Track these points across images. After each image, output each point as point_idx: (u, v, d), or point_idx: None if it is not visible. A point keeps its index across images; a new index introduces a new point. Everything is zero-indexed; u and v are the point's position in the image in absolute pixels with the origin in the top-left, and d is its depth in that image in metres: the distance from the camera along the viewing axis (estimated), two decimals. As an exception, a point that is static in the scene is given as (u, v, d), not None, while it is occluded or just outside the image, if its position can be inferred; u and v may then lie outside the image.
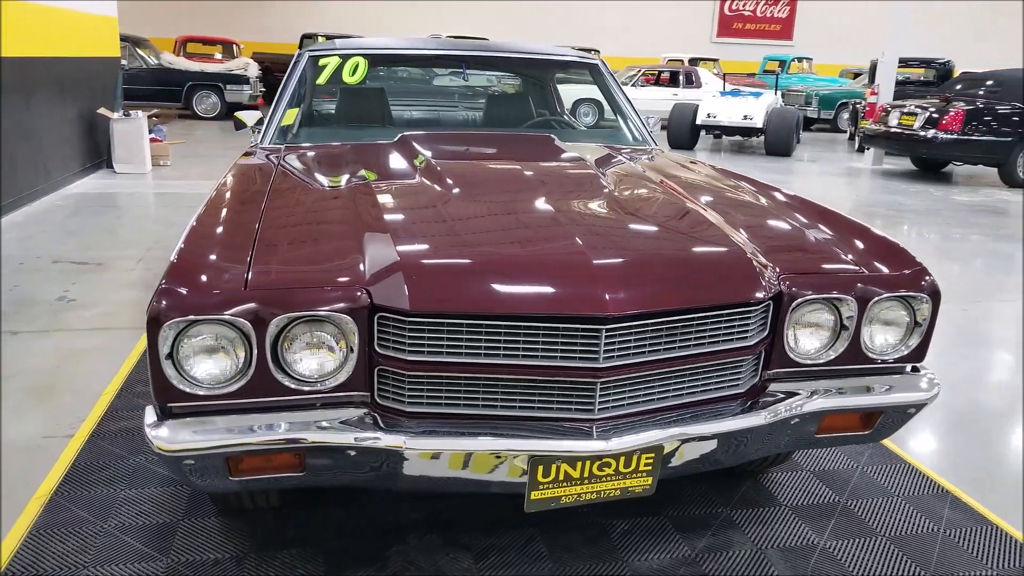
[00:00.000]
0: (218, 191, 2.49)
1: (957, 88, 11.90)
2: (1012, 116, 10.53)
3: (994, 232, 7.77)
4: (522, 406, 1.93)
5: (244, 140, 12.73)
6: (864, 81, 18.99)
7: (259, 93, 15.58)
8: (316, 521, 2.53)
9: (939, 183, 11.27)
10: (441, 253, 1.97)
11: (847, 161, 13.34)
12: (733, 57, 22.44)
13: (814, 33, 24.39)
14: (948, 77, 15.71)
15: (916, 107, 11.13)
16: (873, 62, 15.54)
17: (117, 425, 3.08)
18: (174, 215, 6.88)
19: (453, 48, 3.70)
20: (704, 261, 2.04)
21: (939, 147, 10.73)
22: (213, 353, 1.82)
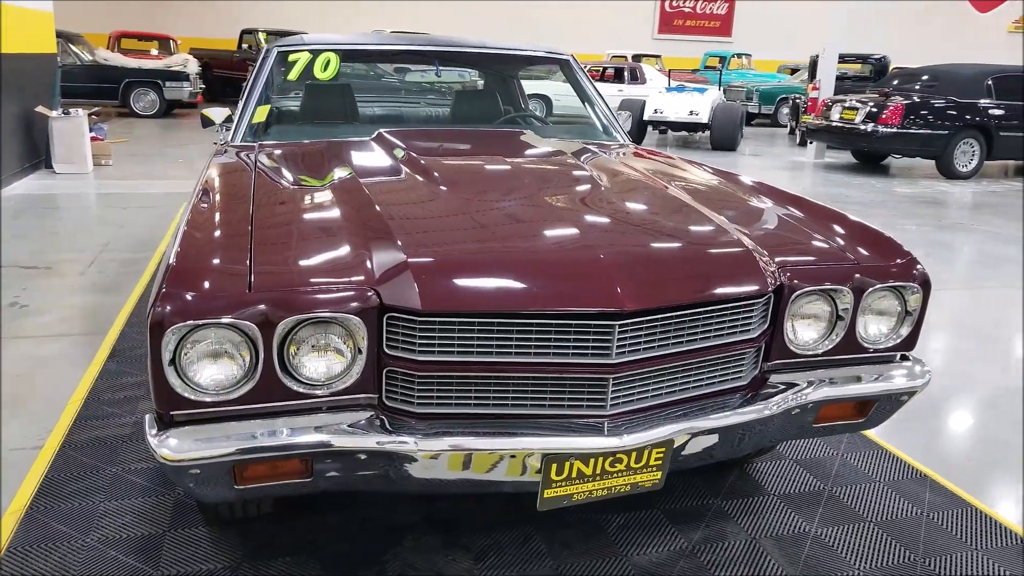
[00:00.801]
0: (201, 192, 2.40)
1: (894, 83, 12.25)
2: (948, 110, 10.87)
3: (936, 223, 8.01)
4: (533, 404, 1.91)
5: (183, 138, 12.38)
6: (802, 77, 19.41)
7: (199, 90, 15.20)
8: (309, 526, 2.47)
9: (879, 175, 11.58)
10: (449, 251, 1.94)
11: (789, 155, 13.61)
12: (674, 54, 22.71)
13: (752, 30, 24.85)
14: (884, 72, 16.15)
15: (857, 102, 11.41)
16: (812, 58, 15.87)
17: (88, 435, 2.97)
18: (122, 216, 6.67)
19: (425, 44, 3.65)
20: (711, 255, 2.05)
21: (880, 140, 11.03)
22: (217, 358, 1.76)
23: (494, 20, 22.21)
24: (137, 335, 3.95)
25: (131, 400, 3.26)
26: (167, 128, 13.37)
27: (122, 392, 3.33)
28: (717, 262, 2.03)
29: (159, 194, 7.70)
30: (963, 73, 11.28)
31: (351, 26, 21.25)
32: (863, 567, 2.40)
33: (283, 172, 2.74)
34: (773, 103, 18.66)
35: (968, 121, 10.88)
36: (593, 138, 3.71)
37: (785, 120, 18.11)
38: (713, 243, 2.11)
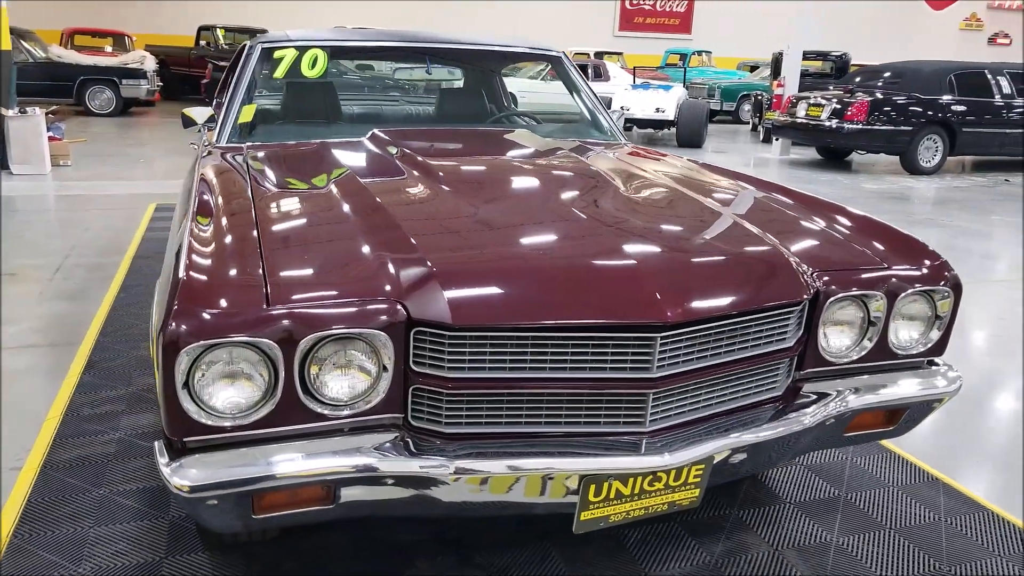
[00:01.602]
0: (198, 198, 2.25)
1: (857, 80, 12.36)
2: (912, 107, 10.99)
3: (906, 218, 8.07)
4: (568, 421, 1.81)
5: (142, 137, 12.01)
6: (762, 74, 19.56)
7: (156, 88, 14.81)
8: (315, 548, 2.34)
9: (845, 171, 11.68)
10: (477, 260, 1.82)
11: (754, 151, 13.68)
12: (635, 51, 22.70)
13: (711, 27, 24.98)
14: (845, 69, 16.31)
15: (822, 99, 11.50)
16: (775, 55, 16.00)
17: (70, 454, 2.80)
18: (85, 219, 6.42)
19: (415, 40, 3.52)
20: (748, 262, 1.97)
21: (846, 137, 11.13)
22: (233, 379, 1.63)
23: (456, 17, 22.01)
24: (112, 345, 3.77)
25: (112, 416, 3.09)
26: (124, 127, 12.99)
27: (102, 407, 3.16)
28: (755, 269, 1.95)
29: (122, 196, 7.44)
30: (925, 70, 11.42)
31: (311, 23, 20.90)
32: None
33: (280, 176, 2.59)
34: (735, 100, 18.76)
35: (931, 117, 11.02)
36: (589, 136, 3.62)
37: (747, 117, 18.22)
38: (748, 249, 2.02)
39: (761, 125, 15.10)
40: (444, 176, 2.46)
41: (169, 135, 12.22)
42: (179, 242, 1.94)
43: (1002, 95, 11.44)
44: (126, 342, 3.82)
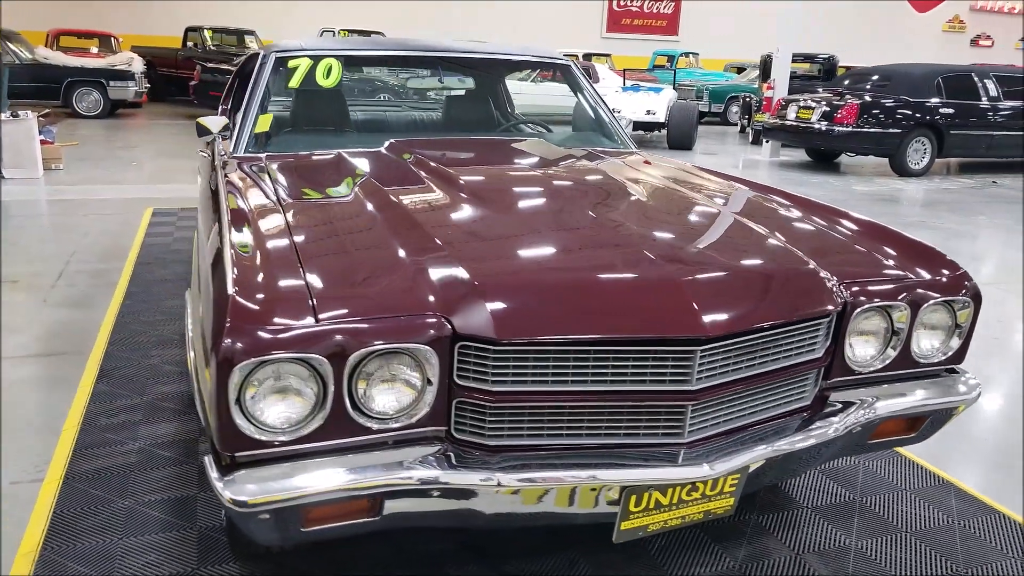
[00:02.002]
0: (230, 211, 2.25)
1: (846, 83, 12.48)
2: (901, 109, 11.11)
3: (898, 221, 8.15)
4: (607, 433, 1.84)
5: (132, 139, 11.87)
6: (750, 76, 19.69)
7: (144, 89, 14.72)
8: (345, 557, 2.36)
9: (835, 173, 11.79)
10: (520, 276, 1.85)
11: (744, 153, 13.78)
12: (623, 52, 22.78)
13: (697, 29, 25.10)
14: (833, 71, 16.46)
15: (812, 101, 11.59)
16: (764, 58, 16.10)
17: (92, 465, 2.80)
18: (82, 224, 6.39)
19: (426, 49, 3.54)
20: (781, 276, 2.01)
21: (836, 139, 11.23)
22: (284, 394, 1.65)
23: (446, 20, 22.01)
24: (122, 354, 3.77)
25: (130, 425, 3.09)
26: (113, 129, 12.91)
27: (119, 416, 3.16)
28: (788, 282, 1.99)
29: (117, 200, 7.41)
30: (914, 73, 11.55)
31: (297, 24, 20.83)
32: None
33: (305, 187, 2.61)
34: (723, 101, 18.87)
35: (919, 120, 11.14)
36: (600, 144, 3.65)
37: (735, 118, 18.32)
38: (781, 262, 2.06)
39: (750, 127, 15.20)
40: (470, 188, 2.49)
41: (158, 137, 12.16)
42: (217, 254, 1.95)
43: (989, 98, 11.58)
44: (136, 350, 3.82)
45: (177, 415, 3.19)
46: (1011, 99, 11.70)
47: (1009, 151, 12.00)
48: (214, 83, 14.69)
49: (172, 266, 5.26)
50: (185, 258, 5.45)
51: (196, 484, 2.70)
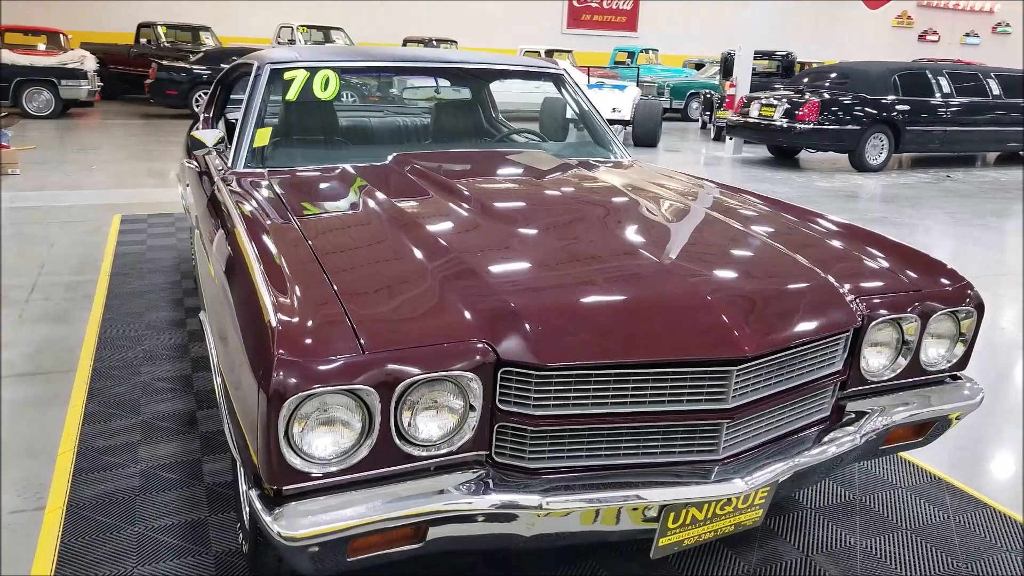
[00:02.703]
0: (249, 234, 2.22)
1: (806, 80, 12.70)
2: (860, 106, 11.35)
3: (862, 217, 8.34)
4: (645, 452, 1.87)
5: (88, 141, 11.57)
6: (708, 72, 19.92)
7: (97, 88, 14.38)
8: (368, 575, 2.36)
9: (796, 170, 12.01)
10: (561, 300, 1.87)
11: (708, 150, 13.95)
12: (583, 49, 22.89)
13: (656, 25, 25.32)
14: (791, 68, 16.74)
15: (775, 99, 11.78)
16: (724, 55, 16.29)
17: (95, 490, 2.75)
18: (48, 233, 6.23)
19: (420, 60, 3.54)
20: (806, 294, 2.06)
21: (798, 136, 11.44)
22: (331, 426, 1.65)
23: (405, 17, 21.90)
24: (110, 371, 3.70)
25: (129, 447, 3.04)
26: (67, 130, 12.60)
27: (116, 438, 3.11)
28: (813, 300, 2.04)
29: (81, 206, 7.24)
30: (871, 71, 11.80)
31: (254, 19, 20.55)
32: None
33: (319, 206, 2.60)
34: (684, 98, 19.07)
35: (877, 117, 11.40)
36: (596, 154, 3.69)
37: (696, 115, 18.53)
38: (804, 280, 2.11)
39: (712, 123, 15.39)
40: (490, 206, 2.49)
41: (116, 138, 11.91)
42: (246, 280, 1.94)
43: (942, 94, 11.89)
44: (124, 367, 3.75)
45: (176, 435, 3.15)
46: (962, 95, 12.02)
47: (961, 146, 12.35)
48: (170, 81, 14.46)
49: (150, 276, 5.17)
50: (162, 267, 5.36)
51: (206, 507, 2.68)
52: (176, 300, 4.71)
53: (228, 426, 1.95)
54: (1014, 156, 14.45)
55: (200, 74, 14.46)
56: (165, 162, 9.96)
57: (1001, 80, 12.50)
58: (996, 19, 31.10)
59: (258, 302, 1.80)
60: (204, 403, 3.41)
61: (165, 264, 5.46)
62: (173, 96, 14.45)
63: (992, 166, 13.40)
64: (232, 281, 2.06)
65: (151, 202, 7.50)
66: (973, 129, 12.17)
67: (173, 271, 5.31)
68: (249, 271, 1.97)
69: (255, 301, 1.82)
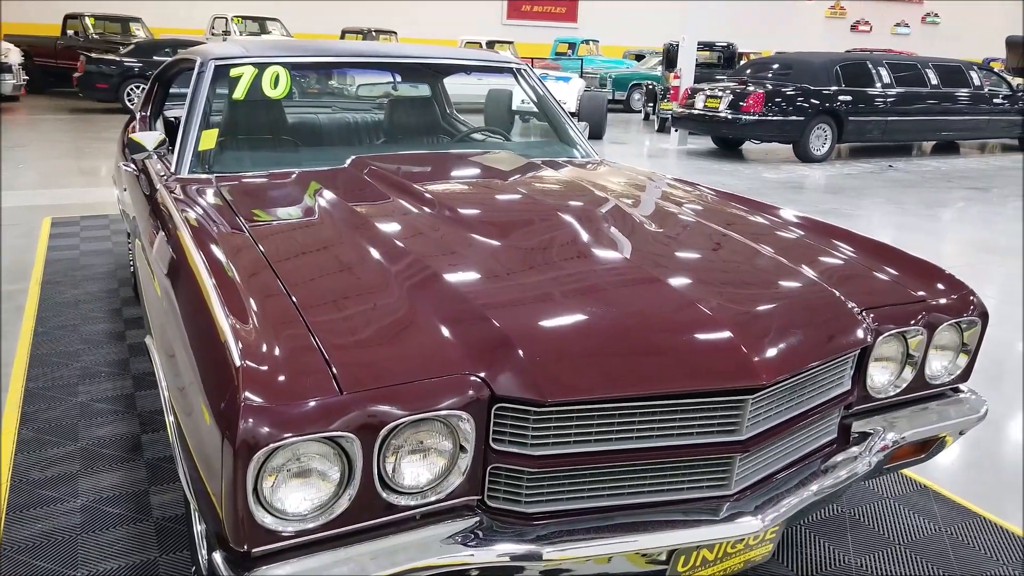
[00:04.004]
0: (202, 255, 1.98)
1: (748, 72, 12.74)
2: (804, 97, 11.42)
3: (814, 208, 8.35)
4: (651, 490, 1.71)
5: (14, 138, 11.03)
6: (649, 63, 19.93)
7: (23, 82, 13.71)
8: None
9: (741, 161, 12.04)
10: (559, 328, 1.68)
11: (653, 141, 13.91)
12: (523, 40, 22.71)
13: (595, 17, 25.28)
14: (732, 59, 16.81)
15: (719, 90, 11.78)
16: (667, 46, 16.28)
17: (30, 530, 2.49)
18: (-27, 238, 5.84)
19: (376, 55, 3.32)
20: (816, 313, 1.91)
21: (743, 127, 11.45)
22: (306, 478, 1.45)
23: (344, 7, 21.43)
24: (44, 392, 3.41)
25: (67, 478, 2.78)
26: (-11, 127, 11.97)
27: (52, 469, 2.84)
28: (823, 320, 1.90)
29: (12, 208, 6.81)
30: (814, 62, 11.88)
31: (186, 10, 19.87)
32: (916, 598, 2.38)
33: (275, 217, 2.37)
34: (626, 89, 19.04)
35: (820, 107, 11.48)
36: (564, 154, 3.53)
37: (638, 106, 18.51)
38: (812, 297, 1.97)
39: (655, 115, 15.36)
40: (464, 216, 2.30)
41: (44, 135, 11.32)
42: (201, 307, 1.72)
43: (882, 84, 12.03)
44: (59, 387, 3.47)
45: (119, 463, 2.89)
46: (901, 85, 12.19)
47: (900, 135, 12.53)
48: (100, 74, 13.85)
49: (84, 284, 4.84)
50: (97, 275, 5.03)
51: (156, 546, 2.44)
52: (114, 310, 4.41)
53: (184, 471, 1.72)
54: (950, 145, 14.76)
55: (131, 67, 13.88)
56: (97, 159, 9.49)
57: (938, 70, 12.71)
58: (925, 9, 31.86)
59: (217, 334, 1.58)
60: (149, 426, 3.15)
61: (100, 271, 5.13)
62: (103, 90, 13.84)
63: (929, 155, 13.64)
64: (183, 307, 1.83)
65: (84, 203, 7.10)
66: (912, 119, 12.35)
67: (109, 278, 4.98)
68: (204, 296, 1.75)
69: (213, 333, 1.60)
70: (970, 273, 5.98)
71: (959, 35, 31.11)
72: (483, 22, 23.45)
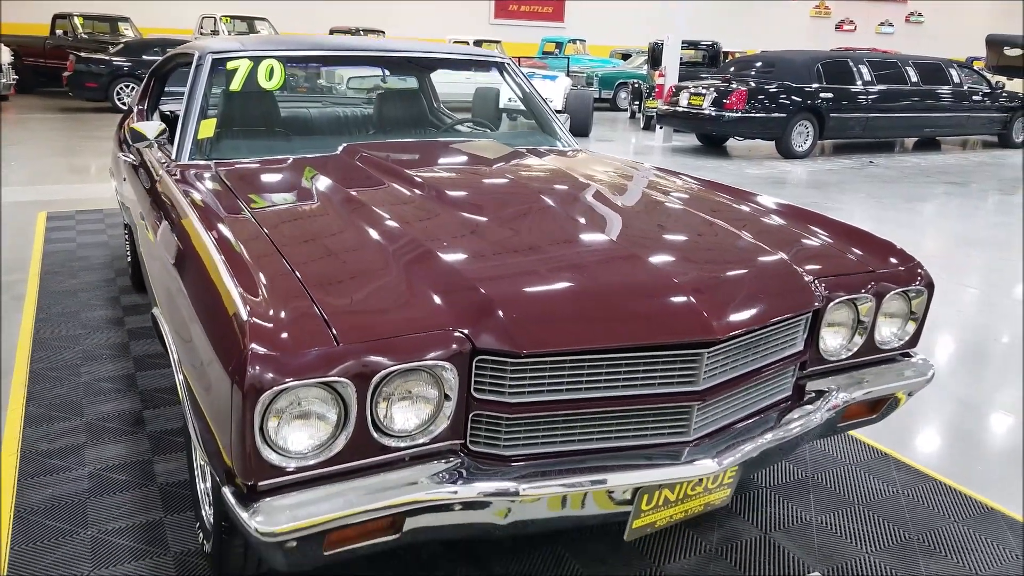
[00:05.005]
0: (206, 228, 2.16)
1: (732, 70, 12.95)
2: (786, 94, 11.64)
3: (796, 202, 8.53)
4: (617, 436, 1.89)
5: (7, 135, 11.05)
6: (635, 62, 20.14)
7: (12, 82, 13.80)
8: (336, 570, 2.33)
9: (725, 157, 12.24)
10: (534, 288, 1.86)
11: (638, 139, 14.12)
12: (511, 39, 22.89)
13: (582, 16, 25.49)
14: (717, 57, 17.03)
15: (703, 88, 11.98)
16: (652, 45, 16.48)
17: (42, 494, 2.65)
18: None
19: (364, 49, 3.49)
20: (769, 277, 2.10)
21: (726, 124, 11.66)
22: (307, 419, 1.62)
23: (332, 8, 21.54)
24: (48, 373, 3.56)
25: (74, 449, 2.94)
26: (-20, 126, 12.06)
27: (59, 441, 3.00)
28: (776, 283, 2.08)
29: (5, 204, 6.93)
30: (796, 60, 12.10)
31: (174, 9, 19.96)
32: (870, 548, 2.55)
33: (270, 197, 2.54)
34: (612, 88, 19.25)
35: (802, 104, 11.70)
36: (544, 143, 3.70)
37: (624, 104, 18.72)
38: (765, 263, 2.16)
39: (641, 113, 15.57)
40: (446, 195, 2.47)
41: (35, 133, 11.43)
42: (208, 275, 1.89)
43: (863, 82, 12.26)
44: (63, 368, 3.62)
45: (123, 435, 3.05)
46: (882, 83, 12.42)
47: (881, 132, 12.77)
48: (89, 74, 13.94)
49: (82, 275, 4.99)
50: (94, 265, 5.18)
51: (161, 508, 2.60)
52: (112, 298, 4.56)
53: (193, 424, 1.89)
54: (931, 142, 15.02)
55: (121, 66, 13.99)
56: (89, 157, 9.61)
57: (919, 68, 12.95)
58: (909, 9, 32.21)
59: (223, 297, 1.75)
60: (150, 402, 3.31)
61: (97, 262, 5.27)
62: (93, 89, 13.93)
63: (911, 151, 13.89)
64: (190, 276, 2.00)
65: (77, 199, 7.23)
66: (893, 116, 12.59)
67: (106, 268, 5.13)
68: (208, 265, 1.92)
69: (220, 295, 1.77)
70: (946, 264, 6.20)
71: (943, 34, 31.48)
72: (471, 22, 23.62)
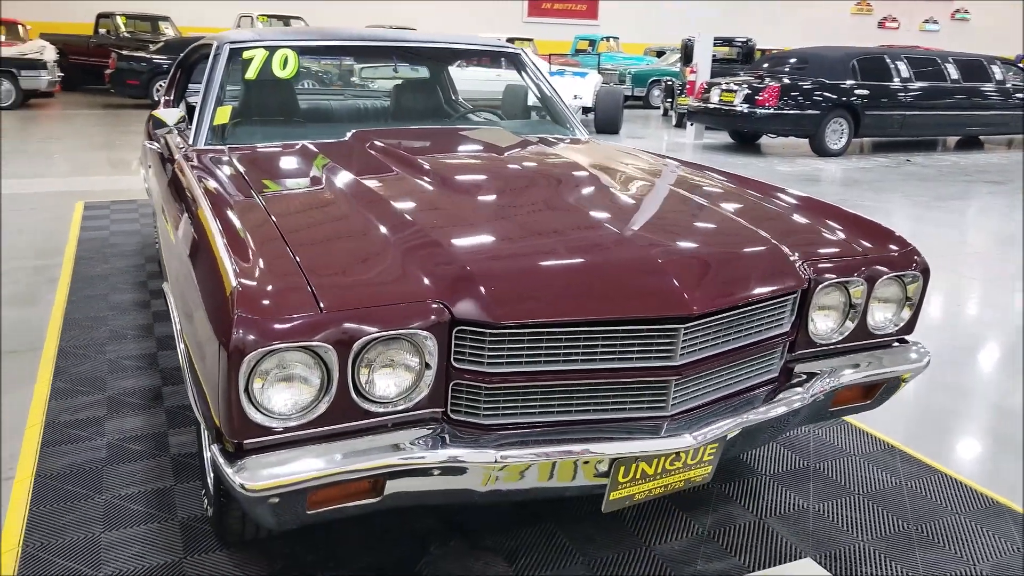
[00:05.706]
0: (210, 205, 2.27)
1: (765, 66, 12.85)
2: (820, 91, 11.52)
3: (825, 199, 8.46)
4: (596, 409, 1.94)
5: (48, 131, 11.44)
6: (669, 59, 20.04)
7: (57, 79, 14.16)
8: (329, 540, 2.41)
9: (757, 155, 12.17)
10: (513, 261, 1.93)
11: (670, 136, 14.08)
12: (544, 37, 22.90)
13: (616, 13, 25.40)
14: (751, 54, 16.90)
15: (735, 84, 11.92)
16: (685, 42, 16.40)
17: (62, 462, 2.77)
18: (12, 221, 6.17)
19: (379, 40, 3.57)
20: (752, 257, 2.13)
21: (758, 121, 11.57)
22: (290, 382, 1.70)
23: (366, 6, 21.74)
24: (76, 350, 3.70)
25: (94, 421, 3.06)
26: (28, 121, 12.40)
27: (82, 413, 3.12)
28: (759, 263, 2.12)
29: (45, 194, 7.16)
30: (830, 56, 11.97)
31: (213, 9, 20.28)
32: (866, 537, 2.56)
33: (278, 179, 2.63)
34: (645, 85, 19.18)
35: (837, 101, 11.57)
36: (554, 132, 3.75)
37: (657, 102, 18.64)
38: (750, 244, 2.19)
39: (673, 110, 15.51)
40: (447, 177, 2.54)
41: (78, 129, 11.75)
42: (206, 248, 1.98)
43: (900, 79, 12.09)
44: (90, 346, 3.76)
45: (142, 409, 3.17)
46: (921, 80, 12.24)
47: (919, 130, 12.58)
48: (131, 71, 14.27)
49: (113, 260, 5.15)
50: (125, 252, 5.34)
51: (172, 476, 2.71)
52: (140, 283, 4.70)
53: (192, 390, 1.99)
54: (974, 140, 14.76)
55: (160, 64, 14.27)
56: (127, 152, 9.86)
57: (959, 65, 12.73)
58: (955, 6, 31.60)
59: (219, 268, 1.84)
60: (169, 380, 3.43)
61: (128, 249, 5.44)
62: (134, 86, 14.26)
63: (952, 150, 13.67)
64: (194, 251, 2.09)
65: (114, 189, 7.45)
66: (932, 113, 12.39)
67: (137, 255, 5.29)
68: (211, 241, 2.01)
69: (216, 267, 1.86)
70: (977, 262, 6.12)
71: (991, 31, 30.82)
72: (504, 20, 23.67)
